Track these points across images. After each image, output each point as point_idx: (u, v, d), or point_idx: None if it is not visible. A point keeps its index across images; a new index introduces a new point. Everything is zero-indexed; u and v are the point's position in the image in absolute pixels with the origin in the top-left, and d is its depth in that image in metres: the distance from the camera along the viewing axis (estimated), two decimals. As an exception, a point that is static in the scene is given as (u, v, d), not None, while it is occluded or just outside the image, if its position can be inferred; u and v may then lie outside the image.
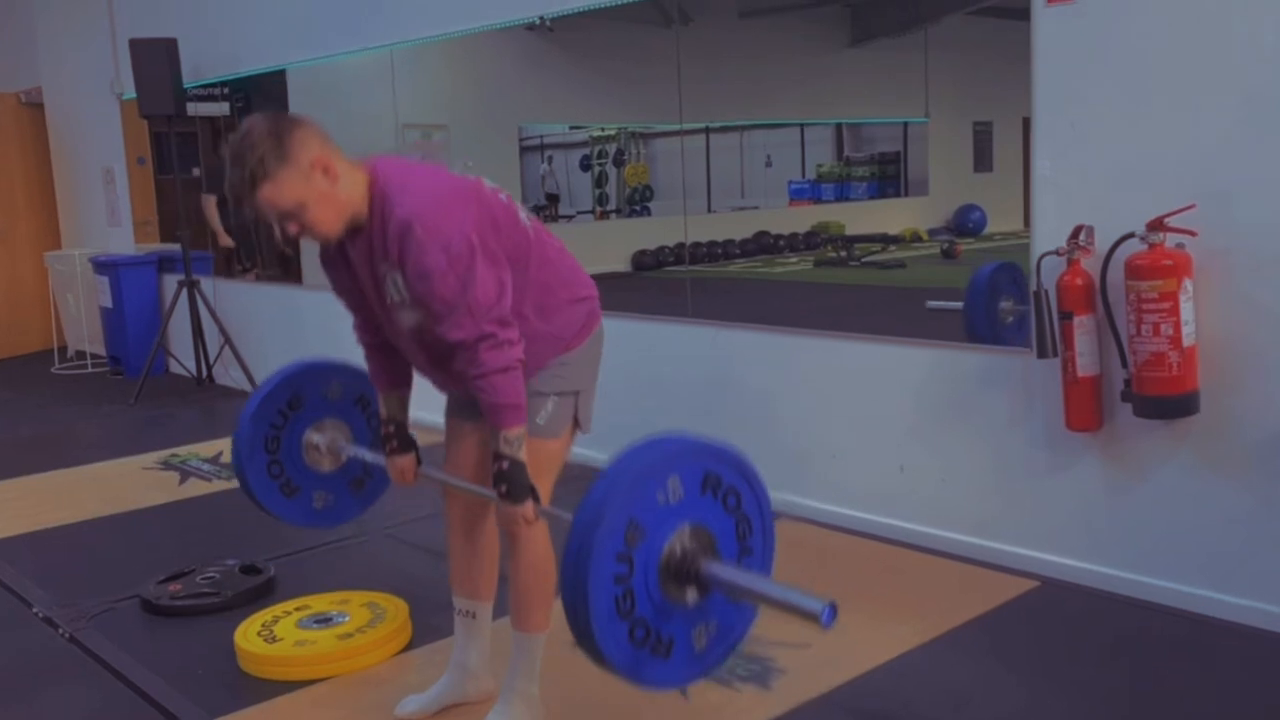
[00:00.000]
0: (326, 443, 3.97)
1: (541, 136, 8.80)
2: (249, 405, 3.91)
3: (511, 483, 3.06)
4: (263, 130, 2.95)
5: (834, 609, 2.50)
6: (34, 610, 4.66)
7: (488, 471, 3.21)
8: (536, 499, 3.11)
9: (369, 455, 3.87)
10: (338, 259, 3.22)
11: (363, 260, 3.11)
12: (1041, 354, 4.29)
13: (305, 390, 3.95)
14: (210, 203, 9.01)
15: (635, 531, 2.52)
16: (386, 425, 3.53)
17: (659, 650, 2.66)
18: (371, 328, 3.39)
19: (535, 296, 3.22)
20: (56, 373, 10.71)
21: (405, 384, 3.50)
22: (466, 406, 3.37)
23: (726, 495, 2.70)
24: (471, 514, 3.51)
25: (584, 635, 2.56)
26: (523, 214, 3.27)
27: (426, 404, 3.60)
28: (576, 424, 3.36)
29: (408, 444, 3.54)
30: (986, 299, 4.99)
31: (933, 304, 5.55)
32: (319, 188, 2.98)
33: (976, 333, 5.07)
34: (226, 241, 8.95)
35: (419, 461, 3.56)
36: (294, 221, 3.00)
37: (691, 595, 2.65)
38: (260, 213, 3.00)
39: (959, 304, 5.09)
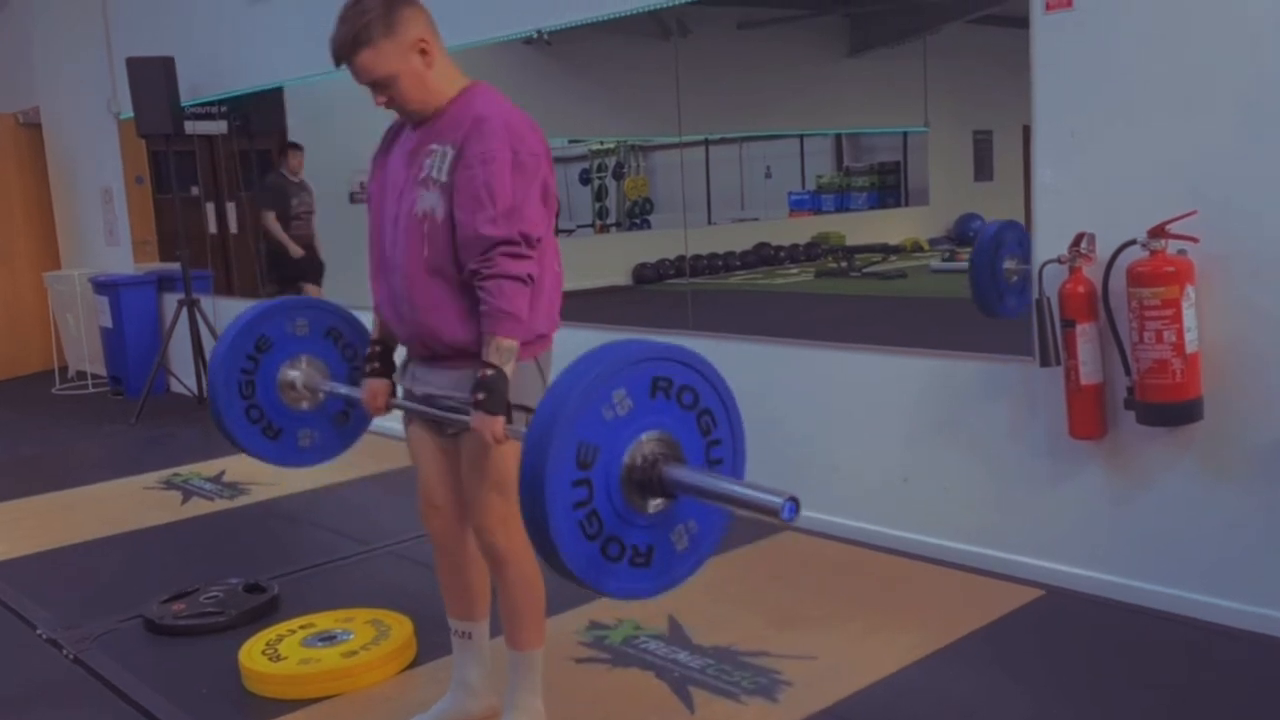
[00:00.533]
0: (303, 380, 3.88)
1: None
2: (216, 352, 3.83)
3: (490, 391, 3.00)
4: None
5: (795, 503, 2.44)
6: (38, 632, 4.65)
7: (459, 482, 3.24)
8: (509, 416, 3.03)
9: (345, 389, 3.80)
10: (388, 148, 3.29)
11: (415, 144, 3.17)
12: (1044, 362, 4.28)
13: (271, 330, 3.87)
14: (271, 218, 8.93)
15: (588, 452, 2.48)
16: (374, 345, 3.50)
17: (639, 560, 2.63)
18: (386, 253, 3.31)
19: (538, 291, 3.19)
20: (57, 393, 10.71)
21: None
22: (429, 424, 3.37)
23: (681, 393, 2.64)
24: (455, 530, 3.48)
25: (559, 568, 2.54)
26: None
27: (393, 415, 3.57)
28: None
29: (388, 368, 3.50)
30: (991, 258, 4.96)
31: (937, 265, 5.54)
32: (414, 66, 3.09)
33: (982, 293, 5.04)
34: (298, 252, 8.83)
35: (394, 391, 3.50)
36: (384, 92, 3.12)
37: (655, 504, 2.60)
38: (355, 76, 3.12)
39: (964, 264, 5.07)
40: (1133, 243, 4.00)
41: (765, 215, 8.18)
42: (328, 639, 4.19)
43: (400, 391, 3.46)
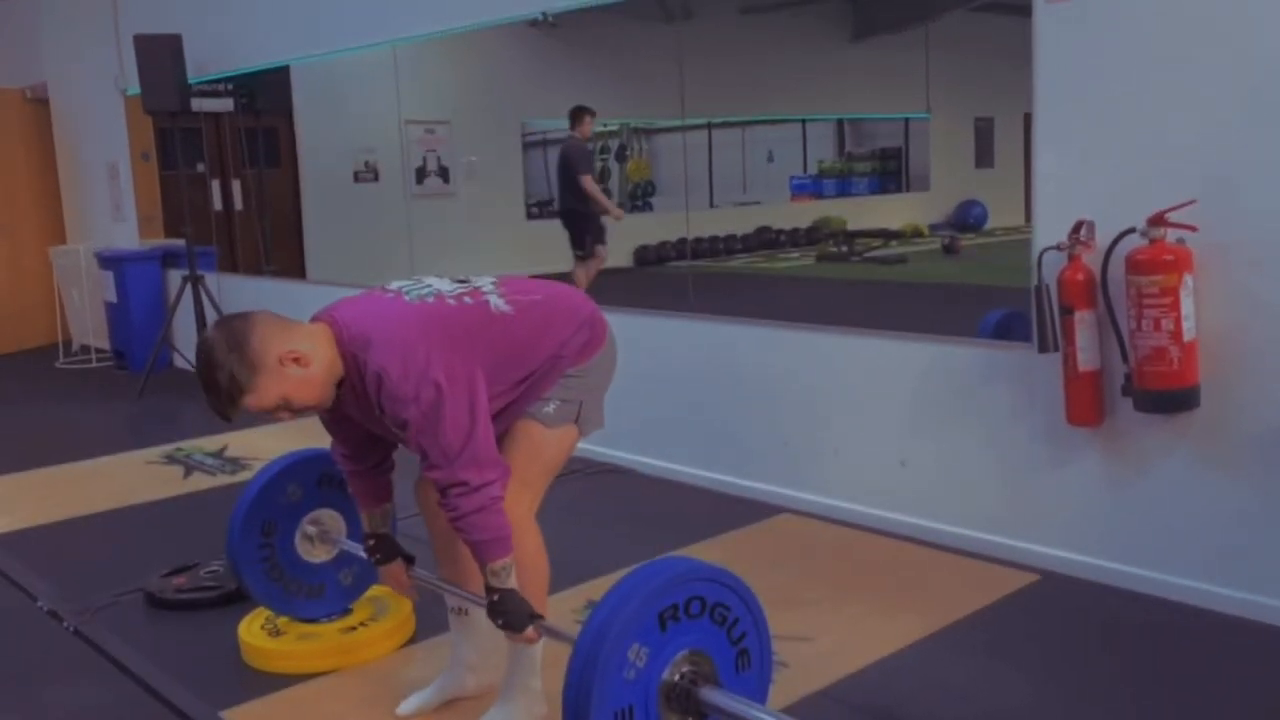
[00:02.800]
0: (318, 536, 4.05)
1: (545, 132, 8.80)
2: (231, 554, 3.97)
3: (508, 614, 3.11)
4: (223, 347, 2.99)
5: None
6: (39, 604, 4.68)
7: None
8: (534, 619, 3.13)
9: (358, 549, 3.91)
10: (333, 406, 3.26)
11: (355, 403, 3.18)
12: (1042, 349, 4.29)
13: (270, 512, 3.99)
14: (589, 180, 8.76)
15: (624, 715, 2.54)
16: (367, 539, 3.59)
17: None
18: (353, 452, 3.45)
19: (538, 356, 3.28)
20: (61, 367, 10.73)
21: (387, 498, 3.56)
22: None
23: (688, 607, 2.67)
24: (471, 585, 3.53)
25: None
26: (493, 299, 3.29)
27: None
28: (577, 428, 3.39)
29: (392, 552, 3.60)
30: None
31: None
32: (294, 377, 3.03)
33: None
34: (619, 214, 8.63)
35: (410, 563, 3.62)
36: (284, 411, 3.06)
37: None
38: (250, 411, 3.06)
39: None
40: (1132, 230, 4.01)
41: (767, 199, 8.18)
42: (327, 615, 4.23)
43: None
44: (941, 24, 6.15)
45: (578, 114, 8.33)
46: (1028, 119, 4.40)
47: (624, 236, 8.10)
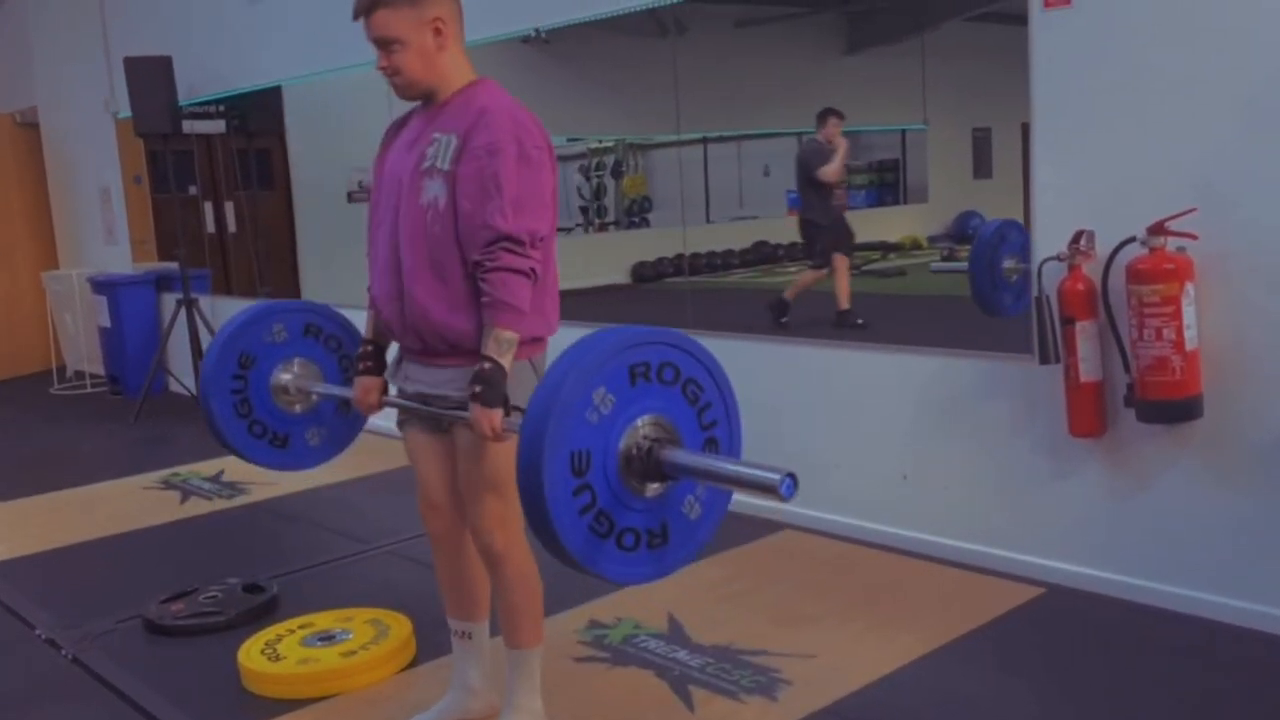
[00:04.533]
0: (294, 383, 3.89)
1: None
2: (204, 379, 3.83)
3: (488, 384, 3.00)
4: None
5: (793, 479, 2.44)
6: (36, 632, 4.65)
7: (457, 481, 3.25)
8: (507, 410, 3.03)
9: (336, 390, 3.81)
10: (394, 136, 3.31)
11: (416, 134, 3.19)
12: (1044, 360, 4.28)
13: (251, 344, 3.86)
14: (825, 170, 8.39)
15: (581, 459, 2.50)
16: (365, 344, 3.51)
17: (656, 541, 2.66)
18: (385, 250, 3.30)
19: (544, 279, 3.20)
20: (56, 393, 10.70)
21: None
22: (422, 421, 3.37)
23: (661, 371, 2.65)
24: (454, 529, 3.47)
25: (585, 572, 2.57)
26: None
27: (388, 413, 3.57)
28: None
29: (380, 366, 3.49)
30: (990, 257, 4.97)
31: (937, 266, 5.54)
32: (424, 40, 3.10)
33: (981, 293, 5.04)
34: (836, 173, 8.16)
35: (385, 390, 3.50)
36: (387, 54, 3.11)
37: (655, 488, 2.63)
38: (367, 30, 3.12)
39: (964, 265, 5.07)
40: (1132, 240, 4.00)
41: (764, 213, 8.17)
42: (327, 639, 4.19)
43: (393, 390, 3.46)
44: (938, 34, 6.15)
45: (823, 116, 8.07)
46: (1025, 129, 4.39)
47: (621, 253, 8.09)
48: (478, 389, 3.00)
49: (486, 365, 3.00)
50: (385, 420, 3.58)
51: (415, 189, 3.13)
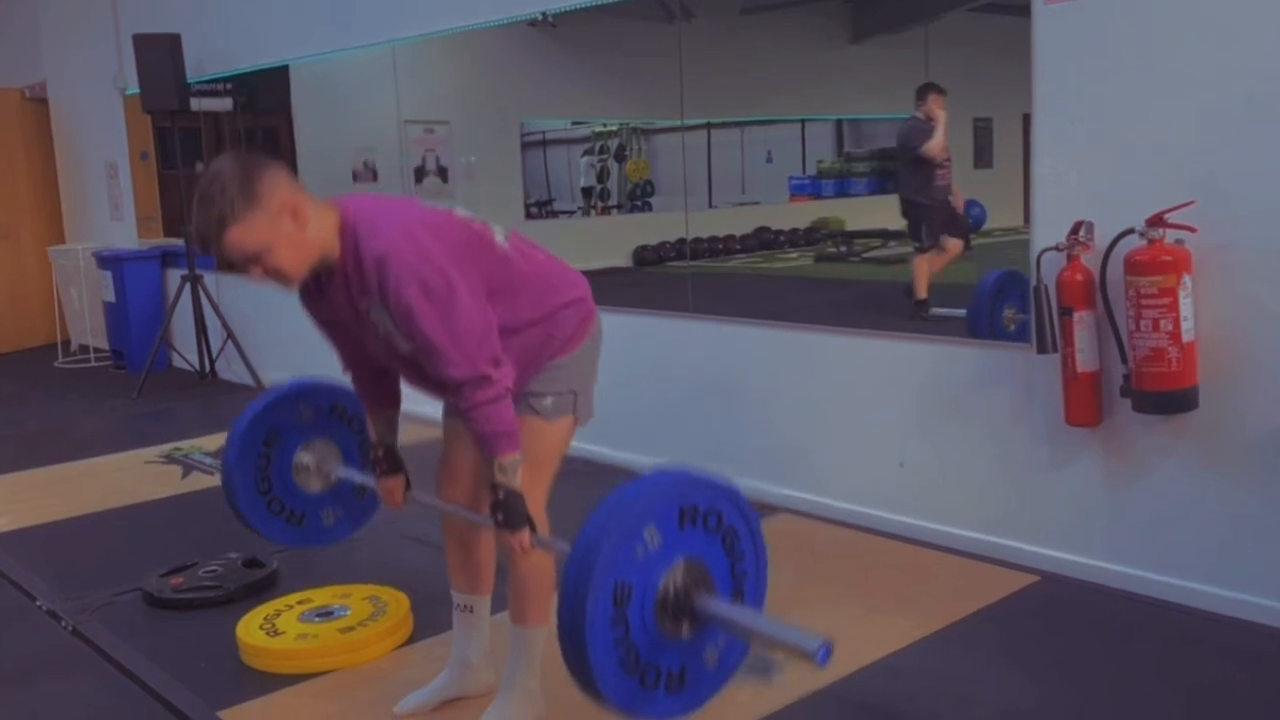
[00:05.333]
0: (315, 463, 3.99)
1: (544, 132, 8.79)
2: (228, 453, 3.92)
3: (508, 511, 3.07)
4: (231, 172, 2.92)
5: (829, 649, 2.51)
6: (37, 603, 4.68)
7: (483, 482, 3.24)
8: (533, 528, 3.11)
9: (357, 476, 3.90)
10: (318, 298, 3.20)
11: (341, 297, 3.10)
12: (1041, 349, 4.30)
13: (277, 422, 3.96)
14: (929, 146, 8.17)
15: (622, 591, 2.53)
16: (375, 449, 3.53)
17: (674, 684, 2.70)
18: (357, 360, 3.40)
19: (526, 310, 3.22)
20: (60, 367, 10.73)
21: (393, 405, 3.52)
22: None
23: (707, 517, 2.69)
24: (469, 500, 3.51)
25: (602, 699, 2.59)
26: (499, 235, 3.26)
27: (421, 398, 3.61)
28: (576, 419, 3.36)
29: (396, 466, 3.54)
30: (990, 307, 4.99)
31: (937, 312, 5.55)
32: (285, 231, 2.94)
33: (979, 339, 5.07)
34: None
35: (408, 485, 3.56)
36: (258, 265, 2.96)
37: (686, 630, 2.66)
38: (225, 256, 2.95)
39: (962, 311, 5.10)
40: (1131, 231, 4.01)
41: (766, 199, 8.16)
42: (325, 614, 4.23)
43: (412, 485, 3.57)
44: (940, 24, 6.14)
45: (922, 92, 7.75)
46: (1026, 120, 4.40)
47: (624, 237, 8.09)
48: (500, 517, 3.08)
49: (500, 494, 3.06)
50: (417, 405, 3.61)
51: (388, 343, 3.12)
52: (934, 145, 6.98)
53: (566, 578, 2.54)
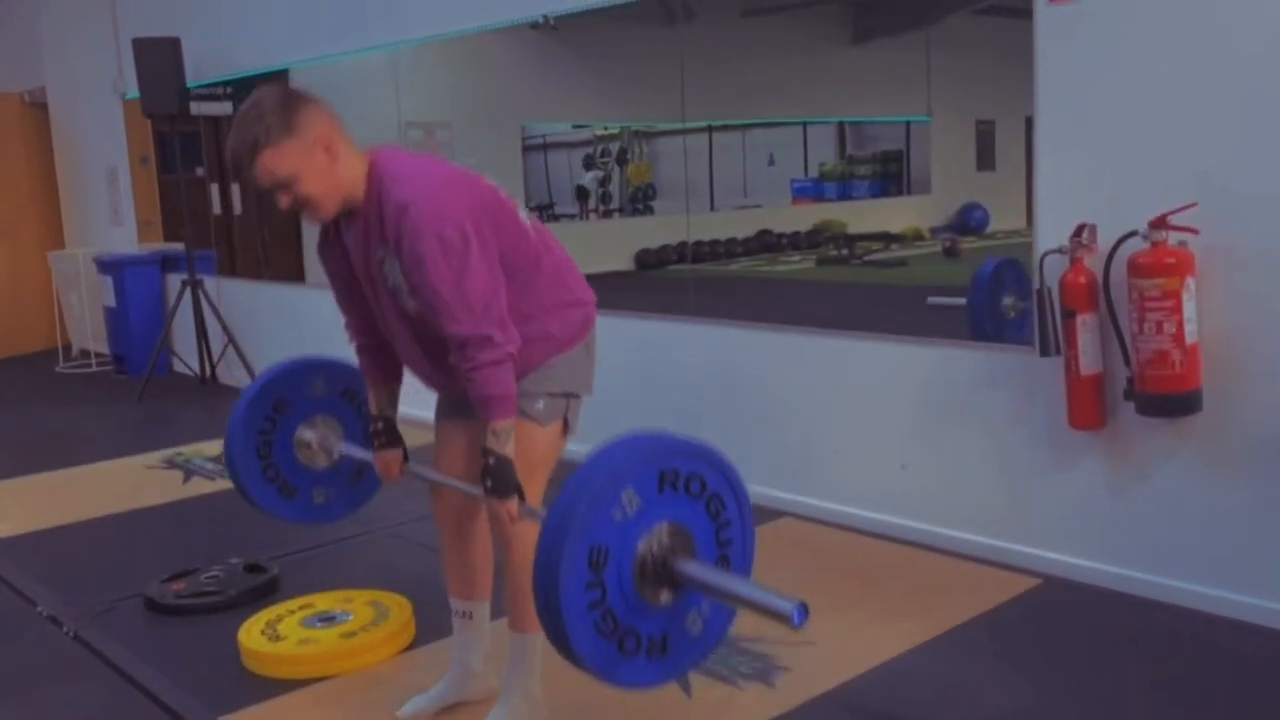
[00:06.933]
0: (318, 440, 3.95)
1: (544, 136, 8.79)
2: (236, 413, 3.88)
3: (497, 478, 3.06)
4: (274, 100, 3.00)
5: (804, 609, 2.48)
6: (38, 609, 4.67)
7: (477, 472, 3.22)
8: (522, 496, 3.09)
9: (359, 452, 3.86)
10: (334, 245, 3.25)
11: (358, 244, 3.14)
12: (1044, 352, 4.29)
13: (289, 391, 3.93)
14: None
15: (599, 555, 2.50)
16: (375, 421, 3.54)
17: (655, 651, 2.67)
18: (364, 326, 3.41)
19: (535, 296, 3.22)
20: (60, 372, 10.73)
21: (395, 379, 3.52)
22: (457, 406, 3.36)
23: (689, 482, 2.66)
24: (461, 514, 3.51)
25: (580, 668, 2.58)
26: (522, 213, 3.27)
27: (418, 401, 3.61)
28: (566, 426, 3.36)
29: (395, 439, 3.55)
30: (989, 295, 5.00)
31: (934, 300, 5.55)
32: (318, 163, 3.01)
33: (979, 328, 5.08)
34: None
35: (406, 458, 3.56)
36: (287, 193, 3.02)
37: (666, 596, 2.64)
38: (256, 180, 3.02)
39: (961, 300, 5.10)
40: (1134, 234, 4.01)
41: (768, 202, 8.16)
42: (327, 619, 4.22)
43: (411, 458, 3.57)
44: (943, 27, 6.14)
45: None
46: (1029, 122, 4.40)
47: (625, 240, 8.09)
48: (489, 483, 3.07)
49: (491, 460, 3.06)
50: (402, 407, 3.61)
51: (393, 303, 3.16)
52: None
53: (543, 540, 2.52)
